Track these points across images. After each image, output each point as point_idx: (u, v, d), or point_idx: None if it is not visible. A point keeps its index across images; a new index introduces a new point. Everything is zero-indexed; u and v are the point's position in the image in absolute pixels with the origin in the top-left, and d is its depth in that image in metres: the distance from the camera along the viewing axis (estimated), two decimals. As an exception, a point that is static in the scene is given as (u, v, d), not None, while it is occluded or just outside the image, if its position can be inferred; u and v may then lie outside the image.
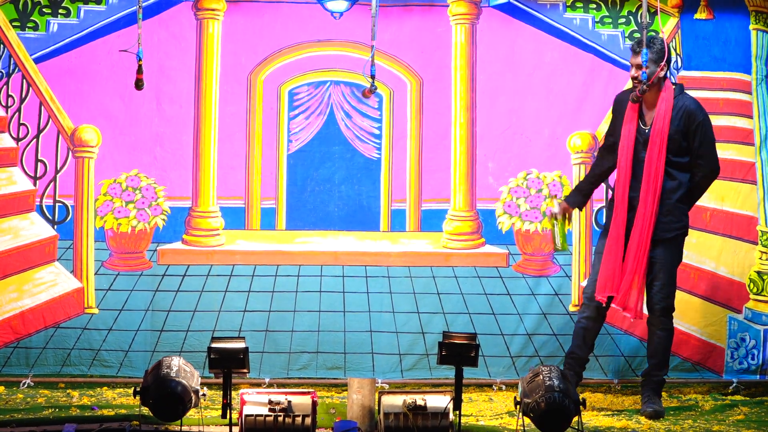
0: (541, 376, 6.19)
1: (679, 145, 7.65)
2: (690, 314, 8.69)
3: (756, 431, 6.97)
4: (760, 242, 8.69)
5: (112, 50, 8.37)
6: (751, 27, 8.72)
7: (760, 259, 8.69)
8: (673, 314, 8.04)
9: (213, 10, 8.62)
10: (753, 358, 8.65)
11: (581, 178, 8.52)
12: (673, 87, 7.74)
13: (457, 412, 6.44)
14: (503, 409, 7.71)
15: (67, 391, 8.14)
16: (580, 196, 8.05)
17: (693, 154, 7.71)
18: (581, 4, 8.77)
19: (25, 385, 8.26)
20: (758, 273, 8.68)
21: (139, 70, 7.11)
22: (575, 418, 6.19)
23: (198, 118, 8.62)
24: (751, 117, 8.76)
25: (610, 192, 8.64)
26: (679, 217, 7.72)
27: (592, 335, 7.88)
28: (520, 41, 8.78)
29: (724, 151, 8.64)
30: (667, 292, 7.75)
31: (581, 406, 6.15)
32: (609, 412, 7.67)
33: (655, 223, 7.65)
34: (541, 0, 8.74)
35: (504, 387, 8.48)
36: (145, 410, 6.28)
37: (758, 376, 8.65)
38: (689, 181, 7.74)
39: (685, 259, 8.50)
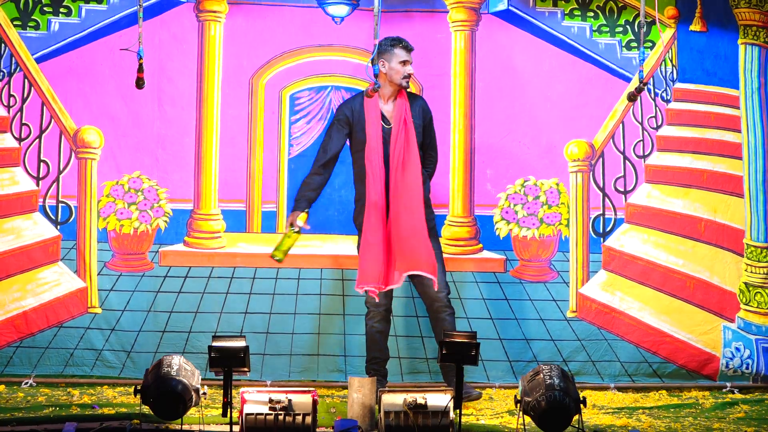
0: (541, 375, 6.15)
1: (420, 139, 7.73)
2: (686, 322, 8.64)
3: (756, 429, 6.89)
4: (746, 255, 8.65)
5: (114, 50, 8.30)
6: (739, 42, 8.67)
7: (746, 270, 8.64)
8: (669, 322, 8.32)
9: (215, 12, 8.55)
10: (747, 368, 8.59)
11: (578, 186, 8.61)
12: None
13: (458, 411, 6.34)
14: (503, 407, 7.63)
15: (68, 389, 8.03)
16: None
17: (426, 148, 7.83)
18: (579, 13, 8.72)
19: (28, 385, 8.15)
20: (746, 284, 8.63)
21: (140, 69, 7.07)
22: (575, 417, 6.06)
23: (200, 121, 8.55)
24: (739, 131, 8.70)
25: (608, 201, 8.59)
26: (431, 210, 7.82)
27: (386, 337, 7.87)
28: (518, 48, 8.72)
29: (716, 165, 8.71)
30: (445, 278, 7.78)
31: (581, 405, 6.03)
32: (609, 410, 7.58)
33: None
34: (540, 7, 8.68)
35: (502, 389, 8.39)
36: (146, 409, 6.20)
37: (751, 381, 8.58)
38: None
39: (681, 268, 8.59)
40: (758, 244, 8.61)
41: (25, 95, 8.41)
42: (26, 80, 8.41)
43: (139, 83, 7.07)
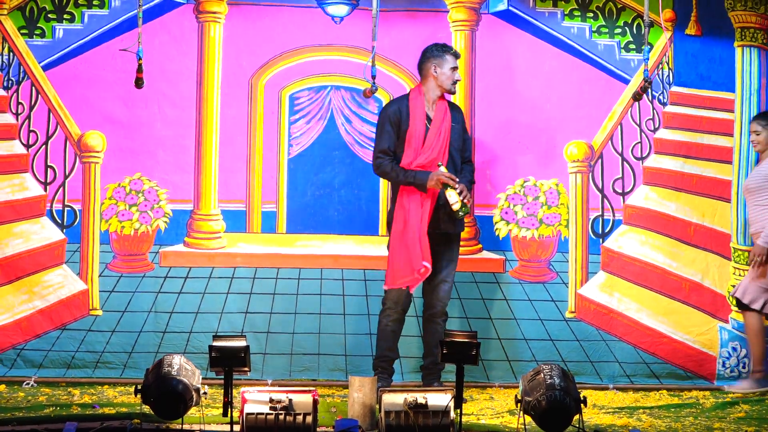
0: (542, 375, 6.07)
1: (459, 144, 7.81)
2: (683, 323, 8.61)
3: (757, 429, 6.81)
4: (733, 259, 8.63)
5: (115, 55, 8.28)
6: (735, 44, 8.63)
7: (734, 274, 8.62)
8: (666, 323, 8.44)
9: (214, 13, 8.52)
10: (744, 367, 8.55)
11: (577, 187, 8.63)
12: None
13: (458, 411, 6.26)
14: (504, 407, 7.54)
15: (69, 389, 7.98)
16: None
17: (464, 154, 7.90)
18: (579, 13, 8.69)
19: (29, 386, 8.09)
20: (734, 287, 8.55)
21: (139, 69, 7.03)
22: (576, 417, 5.99)
23: (200, 122, 8.52)
24: (731, 135, 8.66)
25: (607, 202, 8.55)
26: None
27: (398, 337, 7.89)
28: (518, 49, 8.70)
29: (705, 169, 8.70)
30: (452, 286, 7.92)
31: (582, 404, 5.96)
32: (609, 410, 7.52)
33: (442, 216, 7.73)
34: (540, 8, 8.65)
35: (502, 389, 8.36)
36: (147, 409, 6.12)
37: (748, 383, 8.52)
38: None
39: (676, 270, 8.61)
40: (746, 248, 8.53)
41: (33, 103, 8.40)
42: (33, 88, 8.40)
43: (138, 83, 7.04)
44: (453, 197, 7.55)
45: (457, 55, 7.79)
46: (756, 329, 8.23)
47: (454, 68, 7.74)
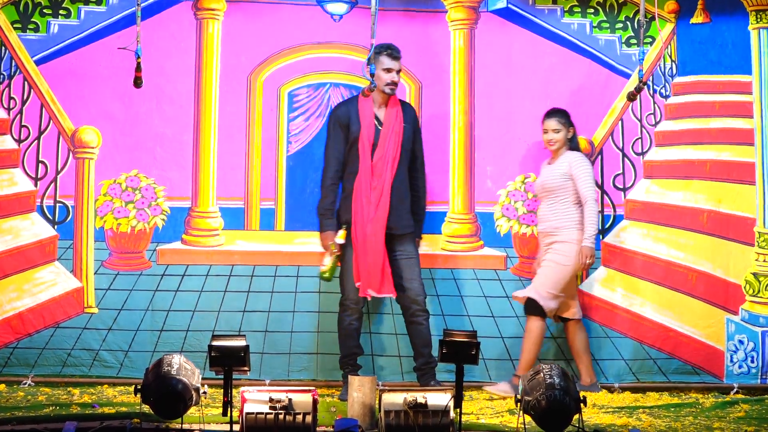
0: (541, 374, 6.10)
1: (410, 145, 7.95)
2: (689, 316, 8.63)
3: (757, 428, 6.85)
4: (757, 244, 8.60)
5: (112, 52, 8.28)
6: (750, 27, 8.63)
7: (757, 260, 8.59)
8: (671, 316, 8.37)
9: (213, 10, 8.58)
10: (752, 361, 8.57)
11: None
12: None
13: (458, 410, 6.33)
14: (504, 407, 7.61)
15: (68, 389, 8.04)
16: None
17: (414, 159, 8.06)
18: (579, 9, 8.75)
19: (26, 385, 8.15)
20: (754, 275, 8.58)
21: (138, 68, 7.04)
22: (576, 416, 6.07)
23: (198, 119, 8.57)
24: (749, 117, 8.66)
25: (606, 197, 8.61)
26: (410, 215, 8.00)
27: (360, 334, 8.04)
28: (518, 46, 8.75)
29: (721, 153, 8.69)
30: (422, 282, 8.01)
31: (582, 404, 6.04)
32: (609, 410, 7.57)
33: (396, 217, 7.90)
34: (539, 4, 8.70)
35: (504, 389, 8.40)
36: (146, 408, 6.18)
37: (759, 380, 8.55)
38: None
39: (682, 261, 8.56)
40: None
41: (25, 97, 8.44)
42: (26, 82, 8.44)
43: (137, 82, 7.06)
44: (326, 261, 7.83)
45: (393, 56, 7.87)
46: (535, 336, 8.21)
47: (388, 69, 7.84)
